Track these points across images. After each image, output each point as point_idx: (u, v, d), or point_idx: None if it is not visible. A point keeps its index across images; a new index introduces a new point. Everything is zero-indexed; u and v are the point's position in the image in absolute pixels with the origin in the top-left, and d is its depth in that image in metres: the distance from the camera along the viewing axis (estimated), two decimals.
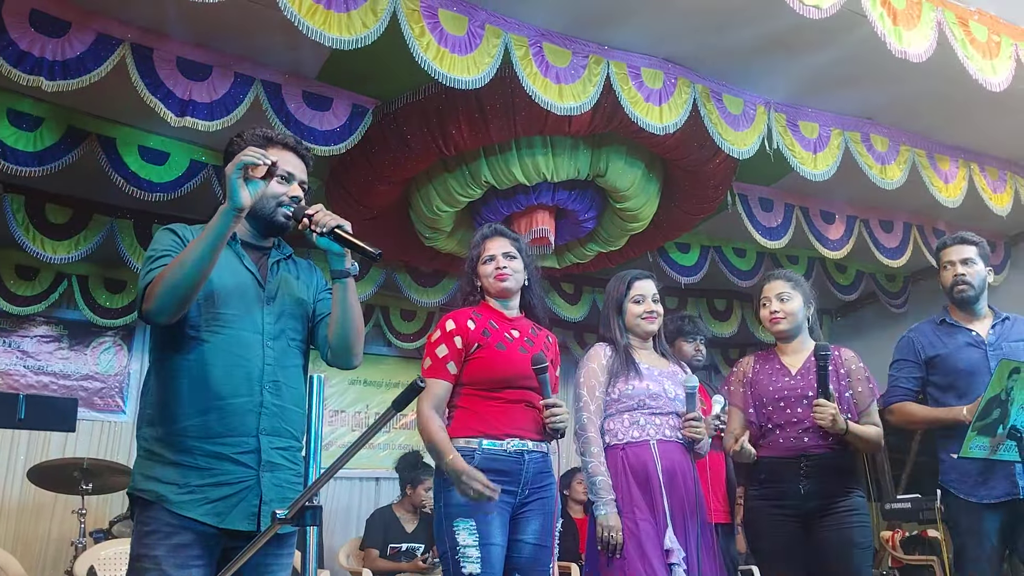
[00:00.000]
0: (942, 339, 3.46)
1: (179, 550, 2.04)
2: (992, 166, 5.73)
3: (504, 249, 2.95)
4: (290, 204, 2.27)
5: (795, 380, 3.22)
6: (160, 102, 4.10)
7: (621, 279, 3.29)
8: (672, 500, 2.96)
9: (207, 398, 2.12)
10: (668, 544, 2.88)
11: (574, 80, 4.29)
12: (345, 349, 2.33)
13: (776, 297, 3.31)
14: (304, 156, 2.37)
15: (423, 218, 5.42)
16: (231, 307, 2.20)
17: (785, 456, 3.12)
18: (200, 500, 2.07)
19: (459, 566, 2.58)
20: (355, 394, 7.52)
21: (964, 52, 4.16)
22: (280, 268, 2.36)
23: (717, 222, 6.25)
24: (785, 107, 5.03)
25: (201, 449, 2.10)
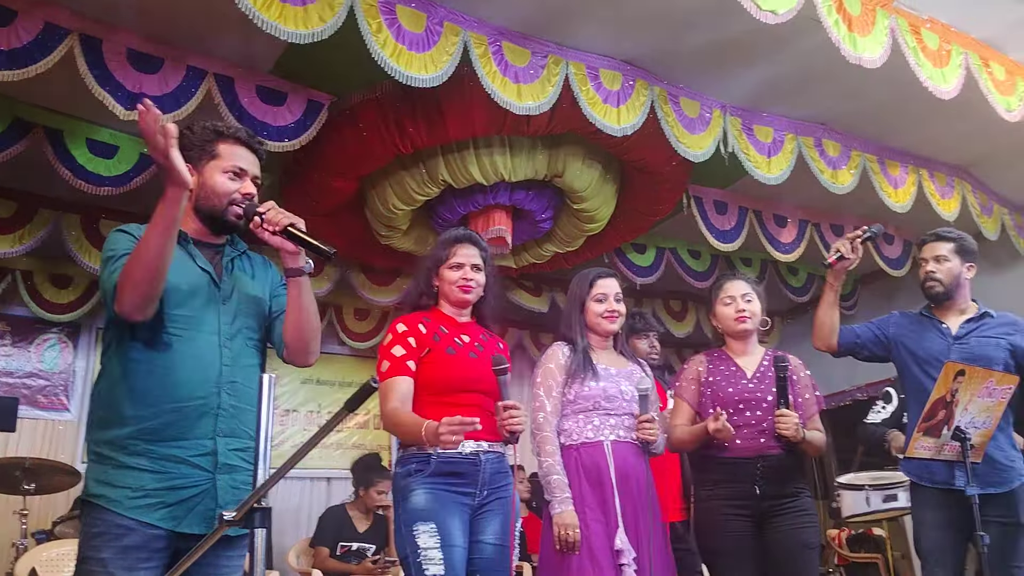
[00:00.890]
0: (914, 327, 3.55)
1: (127, 552, 1.99)
2: (940, 172, 5.86)
3: (474, 260, 2.90)
4: (242, 201, 2.21)
5: (753, 384, 3.24)
6: (109, 95, 4.01)
7: (584, 277, 3.27)
8: (624, 501, 2.95)
9: (163, 400, 2.07)
10: (619, 545, 2.87)
11: (533, 80, 4.28)
12: (301, 347, 2.30)
13: (742, 297, 3.33)
14: (257, 150, 2.32)
15: (379, 216, 5.37)
16: (186, 308, 2.14)
17: (742, 457, 3.13)
18: (156, 504, 2.02)
19: (421, 568, 2.54)
20: (307, 393, 7.44)
21: (916, 60, 4.24)
22: (235, 266, 2.31)
23: (673, 224, 6.29)
24: (741, 111, 5.08)
25: (156, 452, 2.05)
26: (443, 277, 2.90)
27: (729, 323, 3.34)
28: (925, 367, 3.40)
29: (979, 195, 6.10)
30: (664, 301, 8.04)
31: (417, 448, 2.67)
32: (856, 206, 6.08)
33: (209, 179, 2.21)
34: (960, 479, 3.23)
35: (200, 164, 2.22)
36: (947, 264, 3.50)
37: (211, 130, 2.25)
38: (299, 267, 2.20)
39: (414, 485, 2.63)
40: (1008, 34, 4.60)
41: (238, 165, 2.23)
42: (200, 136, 2.24)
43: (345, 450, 7.36)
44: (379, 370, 2.76)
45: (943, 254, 3.51)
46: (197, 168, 2.21)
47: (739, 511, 3.09)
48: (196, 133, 2.24)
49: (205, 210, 2.22)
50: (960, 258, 3.52)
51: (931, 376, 3.31)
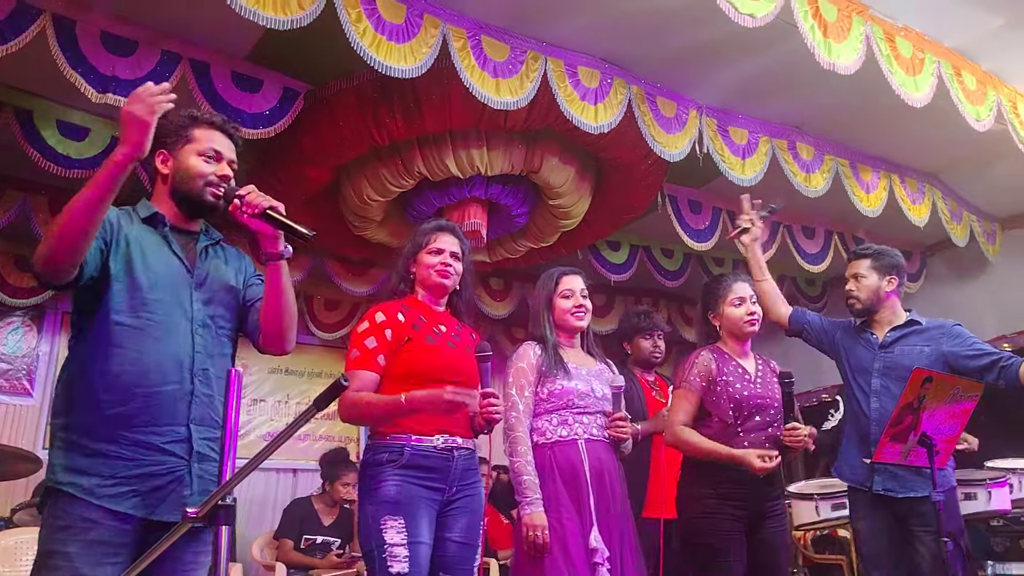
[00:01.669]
0: (850, 337, 3.70)
1: (94, 547, 1.97)
2: (912, 178, 5.92)
3: (453, 248, 2.89)
4: (219, 184, 2.21)
5: (758, 387, 3.28)
6: (81, 77, 3.95)
7: (550, 276, 3.28)
8: (598, 499, 2.96)
9: (135, 385, 2.05)
10: (593, 543, 2.88)
11: (511, 75, 4.27)
12: (278, 335, 2.29)
13: (751, 300, 3.38)
14: (232, 136, 2.31)
15: (353, 207, 5.34)
16: (158, 292, 2.13)
17: None
18: (129, 493, 2.00)
19: (386, 565, 2.51)
20: (275, 383, 7.38)
21: (889, 67, 4.27)
22: (209, 254, 2.30)
23: (647, 222, 6.32)
24: (716, 112, 5.10)
25: (128, 438, 2.02)
26: (421, 262, 2.88)
27: (738, 324, 3.35)
28: (856, 377, 3.59)
29: (949, 202, 6.18)
30: (636, 299, 8.07)
31: (391, 437, 2.65)
32: (828, 209, 6.14)
33: (184, 162, 2.22)
34: (878, 483, 3.42)
35: (175, 149, 2.23)
36: (864, 281, 3.64)
37: (187, 116, 2.26)
38: (278, 251, 2.20)
39: (385, 475, 2.60)
40: (980, 44, 4.65)
41: (213, 147, 2.23)
42: (176, 122, 2.24)
43: (312, 442, 7.32)
44: (348, 357, 2.74)
45: (860, 272, 3.66)
46: (172, 153, 2.22)
47: (736, 511, 3.14)
48: (171, 120, 2.23)
49: (181, 193, 2.21)
50: (878, 273, 3.64)
51: (860, 386, 3.56)
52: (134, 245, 2.13)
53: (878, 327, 3.64)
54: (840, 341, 3.71)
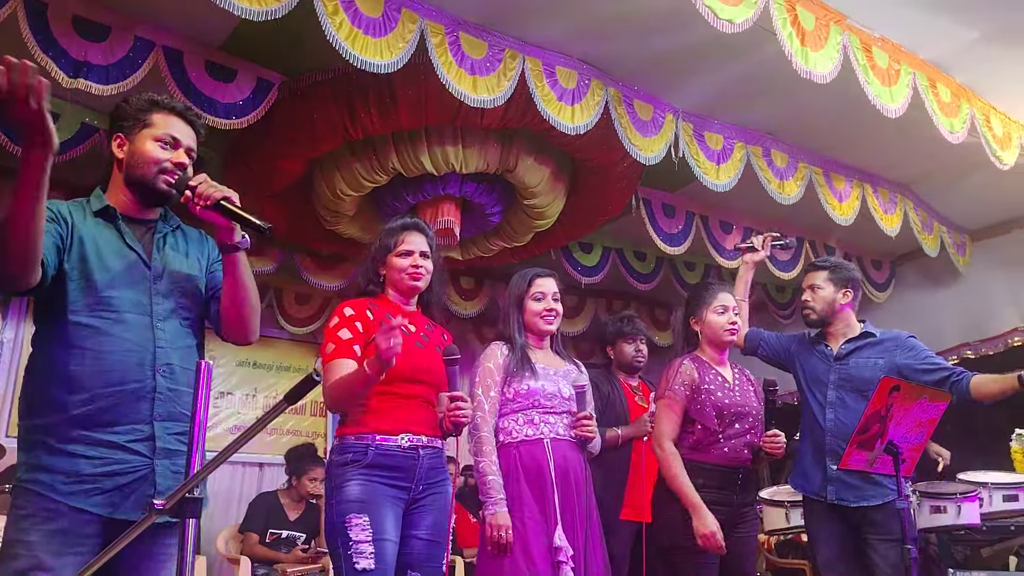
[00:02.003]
0: (806, 349, 3.76)
1: (56, 536, 1.94)
2: (884, 188, 5.97)
3: (422, 248, 2.86)
4: (173, 171, 2.15)
5: (737, 395, 3.35)
6: (52, 61, 3.88)
7: (523, 276, 3.27)
8: (563, 498, 2.97)
9: (96, 385, 2.01)
10: (557, 542, 2.89)
11: (489, 73, 4.25)
12: (239, 325, 2.24)
13: (732, 310, 3.43)
14: (194, 123, 2.25)
15: (325, 201, 5.29)
16: (115, 289, 2.08)
17: (726, 465, 3.27)
18: (92, 490, 1.97)
19: (352, 562, 2.50)
20: (243, 376, 7.30)
21: (865, 77, 4.30)
22: (167, 242, 2.24)
23: (620, 225, 6.32)
24: (693, 117, 5.11)
25: (91, 438, 1.99)
26: (391, 264, 2.85)
27: (719, 332, 3.40)
28: (812, 388, 3.66)
29: (920, 212, 6.24)
30: (607, 301, 8.09)
31: (355, 437, 2.64)
32: (801, 217, 6.17)
33: (140, 147, 2.15)
34: (831, 492, 3.48)
35: (132, 132, 2.17)
36: (821, 292, 3.70)
37: (146, 100, 2.20)
38: (234, 242, 2.14)
39: (349, 475, 2.59)
40: (955, 57, 4.69)
41: (170, 134, 2.17)
42: (135, 106, 2.19)
43: (280, 436, 7.25)
44: (323, 352, 2.71)
45: (817, 283, 3.72)
46: (129, 137, 2.16)
47: (716, 516, 3.16)
48: (132, 104, 2.19)
49: (135, 178, 2.15)
50: (835, 285, 3.70)
51: (816, 398, 3.63)
52: (88, 242, 2.08)
53: (832, 339, 3.70)
54: (795, 353, 3.78)
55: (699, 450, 3.28)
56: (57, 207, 2.10)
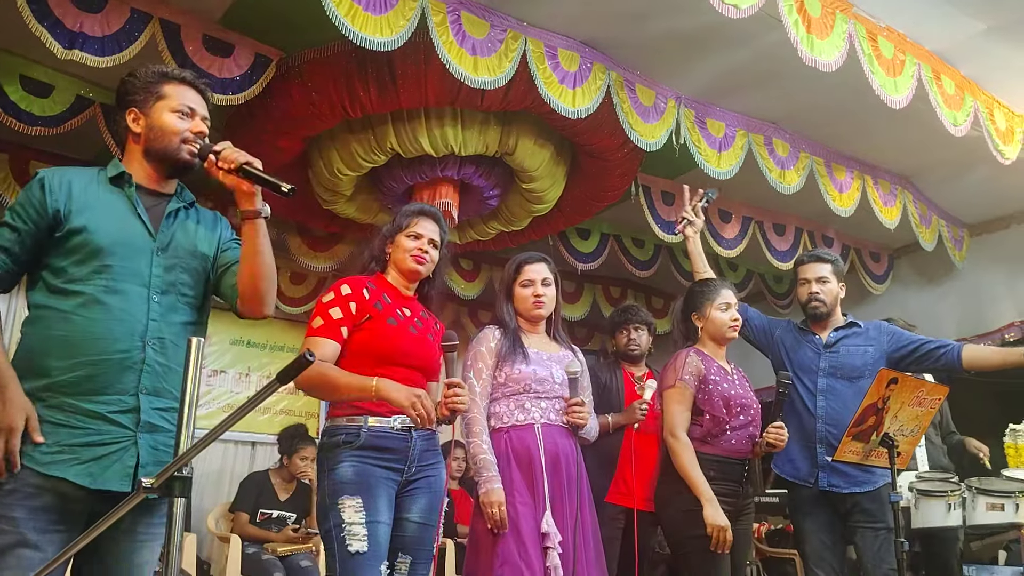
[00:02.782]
0: (794, 338, 3.76)
1: (40, 513, 1.92)
2: (885, 180, 5.95)
3: (433, 235, 2.84)
4: (195, 140, 2.16)
5: (740, 388, 3.39)
6: (47, 31, 3.83)
7: (512, 262, 3.27)
8: (553, 484, 2.95)
9: (83, 352, 1.99)
10: (545, 527, 2.88)
11: (490, 53, 4.20)
12: (256, 296, 2.22)
13: (735, 307, 3.47)
14: (203, 92, 2.26)
15: (323, 180, 5.25)
16: (116, 257, 2.06)
17: (734, 457, 3.29)
18: (72, 460, 1.95)
19: (344, 543, 2.48)
20: (236, 355, 7.26)
21: (870, 67, 4.26)
22: (178, 217, 2.22)
23: (619, 211, 6.28)
24: (695, 103, 5.07)
25: (74, 406, 1.97)
26: (398, 244, 2.82)
27: (723, 329, 3.43)
28: (800, 376, 3.65)
29: (919, 205, 6.22)
30: (604, 287, 8.06)
31: (347, 419, 2.61)
32: (799, 207, 6.15)
33: (158, 119, 2.16)
34: (823, 479, 3.49)
35: (147, 107, 2.17)
36: (827, 285, 3.72)
37: (156, 72, 2.20)
38: (256, 209, 2.15)
39: (342, 457, 2.57)
40: (960, 49, 4.66)
41: (187, 104, 2.18)
42: (145, 79, 2.18)
43: (272, 415, 7.23)
44: (310, 324, 2.68)
45: (824, 275, 3.72)
46: (144, 111, 2.16)
47: (726, 506, 3.20)
48: (141, 77, 2.19)
49: (157, 151, 2.15)
50: (837, 279, 3.75)
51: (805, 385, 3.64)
52: (93, 208, 2.07)
53: (821, 329, 3.72)
54: (780, 339, 3.77)
55: (707, 442, 3.29)
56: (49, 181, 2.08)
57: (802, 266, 3.78)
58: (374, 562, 2.49)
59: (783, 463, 3.63)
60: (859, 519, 3.44)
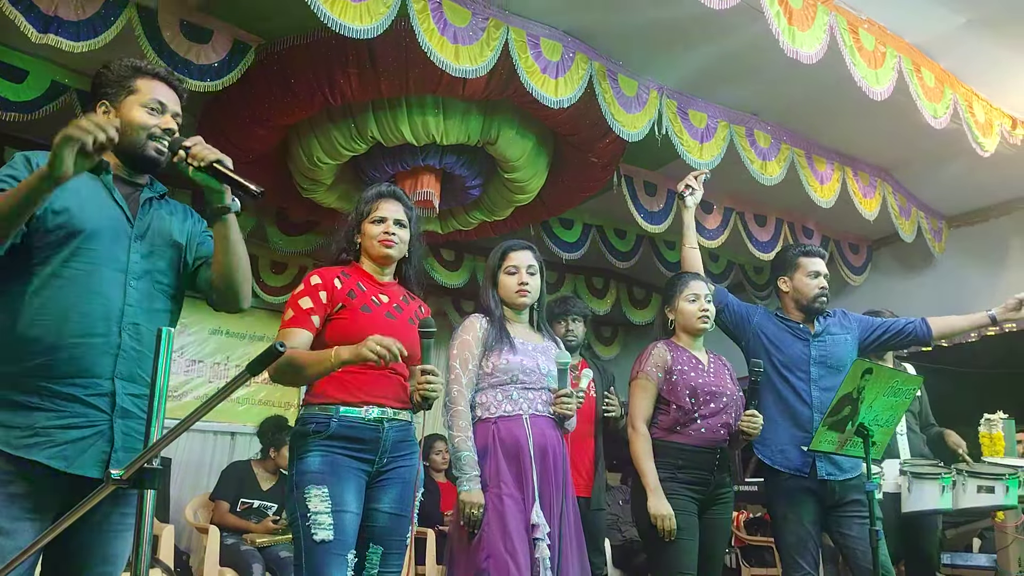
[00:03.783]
0: (775, 329, 3.71)
1: (12, 500, 1.91)
2: (864, 171, 5.98)
3: (397, 216, 2.80)
4: (162, 137, 2.14)
5: (713, 376, 3.42)
6: (21, 15, 3.77)
7: (498, 248, 3.24)
8: (541, 475, 2.94)
9: (59, 336, 1.98)
10: (534, 519, 2.86)
11: (471, 42, 4.18)
12: (231, 291, 2.23)
13: (705, 297, 3.48)
14: (177, 88, 2.26)
15: (302, 168, 5.21)
16: (94, 242, 2.06)
17: (704, 446, 3.32)
18: (46, 443, 1.94)
19: (310, 532, 2.47)
20: (215, 344, 7.22)
21: (852, 59, 4.27)
22: (153, 206, 2.23)
23: (601, 201, 6.28)
24: (677, 94, 5.07)
25: (49, 390, 1.96)
26: (365, 232, 2.80)
27: (691, 320, 3.46)
28: (788, 365, 3.62)
29: (899, 197, 6.25)
30: (587, 278, 8.07)
31: (319, 408, 2.60)
32: (780, 198, 6.16)
33: (127, 114, 2.15)
34: (821, 469, 3.48)
35: (117, 100, 2.16)
36: (826, 280, 3.74)
37: (129, 66, 2.20)
38: (226, 205, 2.13)
39: (310, 446, 2.56)
40: (939, 42, 4.68)
41: (157, 99, 2.17)
42: (118, 72, 2.18)
43: (251, 406, 7.20)
44: (283, 319, 2.67)
45: (823, 271, 3.74)
46: (115, 104, 2.15)
47: (694, 495, 3.29)
48: (114, 70, 2.18)
49: (124, 145, 2.13)
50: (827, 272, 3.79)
51: (795, 375, 3.60)
52: (72, 193, 2.05)
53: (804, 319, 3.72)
54: (759, 327, 3.72)
55: (676, 431, 3.33)
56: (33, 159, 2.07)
57: (811, 259, 3.72)
58: (340, 551, 2.49)
59: (773, 453, 3.58)
60: (850, 510, 3.44)
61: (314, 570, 2.47)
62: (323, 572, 2.46)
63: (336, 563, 2.48)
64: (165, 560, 4.97)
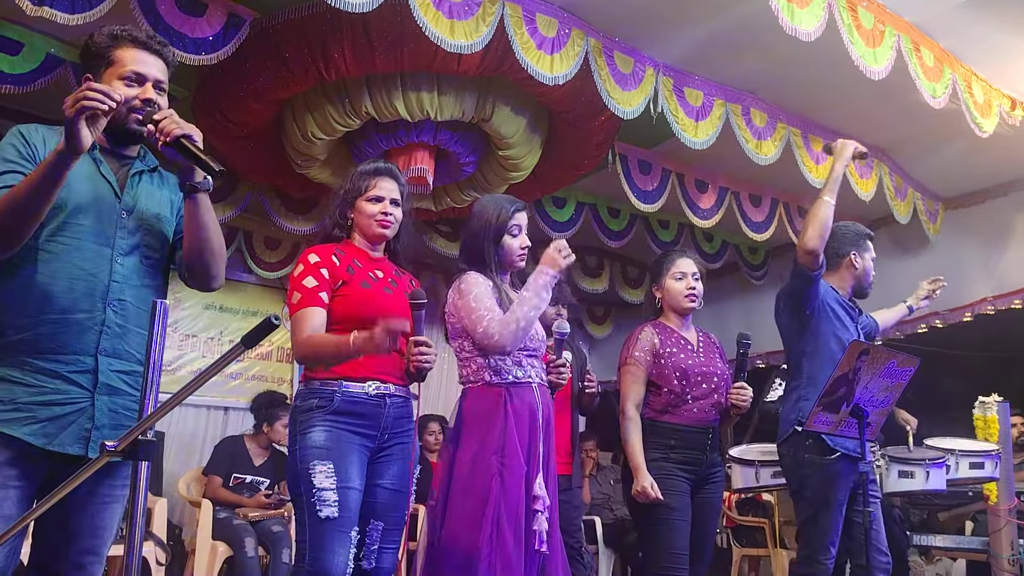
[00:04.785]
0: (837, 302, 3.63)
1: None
2: None
3: (393, 195, 2.79)
4: (142, 108, 2.09)
5: (702, 357, 3.43)
6: None
7: (500, 206, 2.99)
8: (547, 447, 2.87)
9: (42, 311, 1.97)
10: (537, 490, 2.78)
11: (467, 17, 4.13)
12: (202, 271, 2.20)
13: (692, 276, 3.48)
14: (160, 52, 2.18)
15: (297, 144, 5.17)
16: (81, 217, 2.04)
17: (696, 426, 3.34)
18: (26, 419, 1.93)
19: (315, 509, 2.48)
20: (209, 319, 7.20)
21: (850, 37, 4.24)
22: (142, 180, 2.20)
23: (595, 180, 6.25)
24: (673, 72, 5.03)
25: (32, 365, 1.96)
26: (360, 209, 2.78)
27: (678, 299, 3.47)
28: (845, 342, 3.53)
29: (895, 178, 6.23)
30: (578, 256, 8.01)
31: (321, 383, 2.60)
32: (776, 178, 6.14)
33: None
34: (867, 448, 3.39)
35: (99, 73, 2.12)
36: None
37: (107, 35, 2.14)
38: (196, 183, 2.09)
39: (314, 421, 2.56)
40: (939, 21, 4.63)
41: (135, 70, 2.11)
42: (98, 44, 2.14)
43: (245, 381, 7.19)
44: (290, 302, 2.66)
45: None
46: (97, 78, 2.11)
47: (687, 475, 3.31)
48: (96, 41, 2.14)
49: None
50: None
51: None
52: None
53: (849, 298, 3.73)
54: (826, 301, 3.59)
55: (668, 412, 3.35)
56: (31, 136, 2.06)
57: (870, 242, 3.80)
58: (344, 528, 2.49)
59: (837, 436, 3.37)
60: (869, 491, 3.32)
61: (319, 547, 2.47)
62: (328, 549, 2.47)
63: (340, 540, 2.48)
64: (158, 533, 4.99)
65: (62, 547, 2.05)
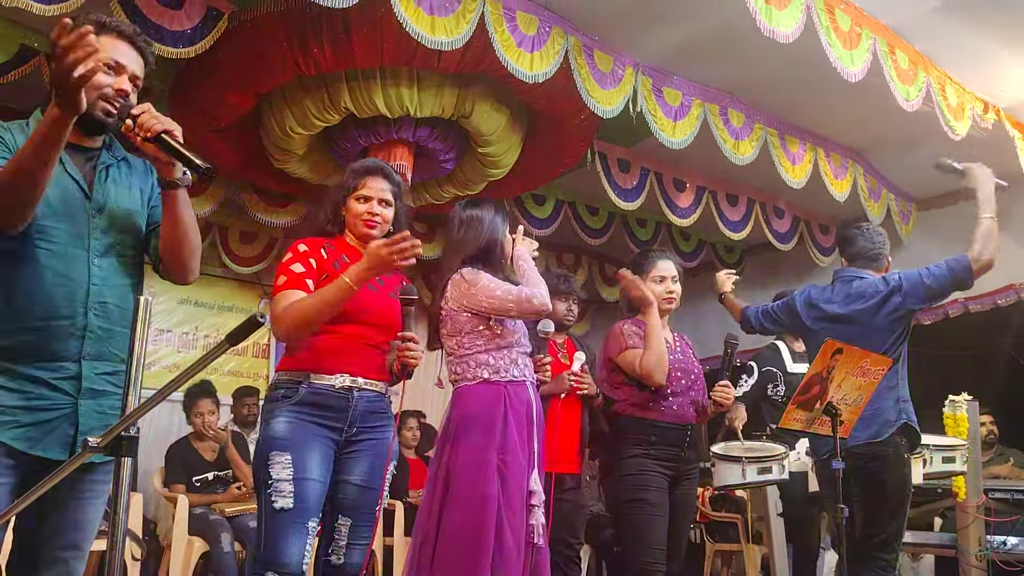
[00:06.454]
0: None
1: None
2: (836, 152, 6.01)
3: (383, 195, 2.77)
4: (115, 98, 2.05)
5: (680, 355, 3.49)
6: None
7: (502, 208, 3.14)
8: (539, 444, 2.96)
9: (22, 319, 1.94)
10: (532, 486, 2.88)
11: (448, 13, 4.13)
12: (177, 264, 2.18)
13: (672, 279, 3.52)
14: (142, 49, 2.14)
15: (275, 138, 5.15)
16: (52, 220, 1.99)
17: (675, 423, 3.38)
18: (10, 424, 1.92)
19: (270, 500, 2.47)
20: (184, 314, 7.13)
21: (827, 39, 4.28)
22: (110, 174, 2.15)
23: (574, 178, 6.27)
24: (653, 71, 5.06)
25: (14, 372, 1.94)
26: (349, 207, 2.78)
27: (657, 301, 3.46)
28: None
29: (869, 179, 6.30)
30: (557, 255, 8.06)
31: (288, 375, 2.59)
32: (753, 177, 6.19)
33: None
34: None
35: None
36: None
37: (95, 22, 2.06)
38: (174, 179, 2.06)
39: (277, 412, 2.55)
40: (914, 24, 4.69)
41: (114, 59, 2.07)
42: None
43: (220, 376, 7.12)
44: (275, 284, 2.64)
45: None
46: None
47: (666, 471, 3.35)
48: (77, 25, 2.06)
49: None
50: None
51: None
52: None
53: None
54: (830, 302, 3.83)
55: (649, 408, 3.37)
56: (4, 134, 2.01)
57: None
58: (300, 519, 2.48)
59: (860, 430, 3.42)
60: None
61: (272, 537, 2.46)
62: (281, 539, 2.46)
63: (295, 530, 2.47)
64: (134, 529, 4.95)
65: (44, 543, 2.04)
